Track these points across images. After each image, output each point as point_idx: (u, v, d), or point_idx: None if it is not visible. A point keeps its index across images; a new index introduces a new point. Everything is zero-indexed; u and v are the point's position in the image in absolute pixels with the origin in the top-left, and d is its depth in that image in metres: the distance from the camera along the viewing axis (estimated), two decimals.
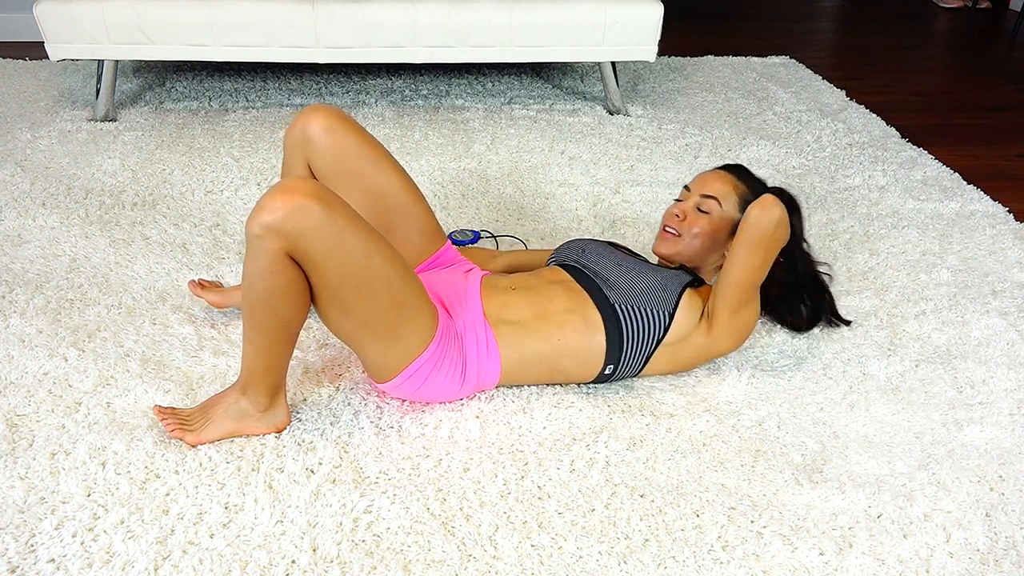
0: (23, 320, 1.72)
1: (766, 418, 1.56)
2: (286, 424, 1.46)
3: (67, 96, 2.94)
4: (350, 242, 1.26)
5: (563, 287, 1.56)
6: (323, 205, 1.23)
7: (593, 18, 2.74)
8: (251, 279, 1.30)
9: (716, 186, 1.64)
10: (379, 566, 1.22)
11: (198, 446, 1.40)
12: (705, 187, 1.65)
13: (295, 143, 1.57)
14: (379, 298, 1.32)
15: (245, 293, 1.32)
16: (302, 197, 1.23)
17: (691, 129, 2.87)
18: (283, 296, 1.30)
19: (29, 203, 2.20)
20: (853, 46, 4.12)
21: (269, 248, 1.24)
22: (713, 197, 1.62)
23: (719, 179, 1.66)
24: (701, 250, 1.64)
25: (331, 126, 1.54)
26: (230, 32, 2.63)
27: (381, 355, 1.40)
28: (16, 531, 1.25)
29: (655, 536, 1.29)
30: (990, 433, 1.54)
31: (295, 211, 1.22)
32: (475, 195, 2.36)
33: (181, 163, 2.48)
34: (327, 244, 1.25)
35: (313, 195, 1.23)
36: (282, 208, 1.22)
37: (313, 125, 1.54)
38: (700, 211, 1.62)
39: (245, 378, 1.40)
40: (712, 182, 1.65)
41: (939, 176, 2.58)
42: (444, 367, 1.45)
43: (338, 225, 1.25)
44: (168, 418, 1.42)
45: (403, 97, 3.06)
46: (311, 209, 1.22)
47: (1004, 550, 1.30)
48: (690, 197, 1.66)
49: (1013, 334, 1.82)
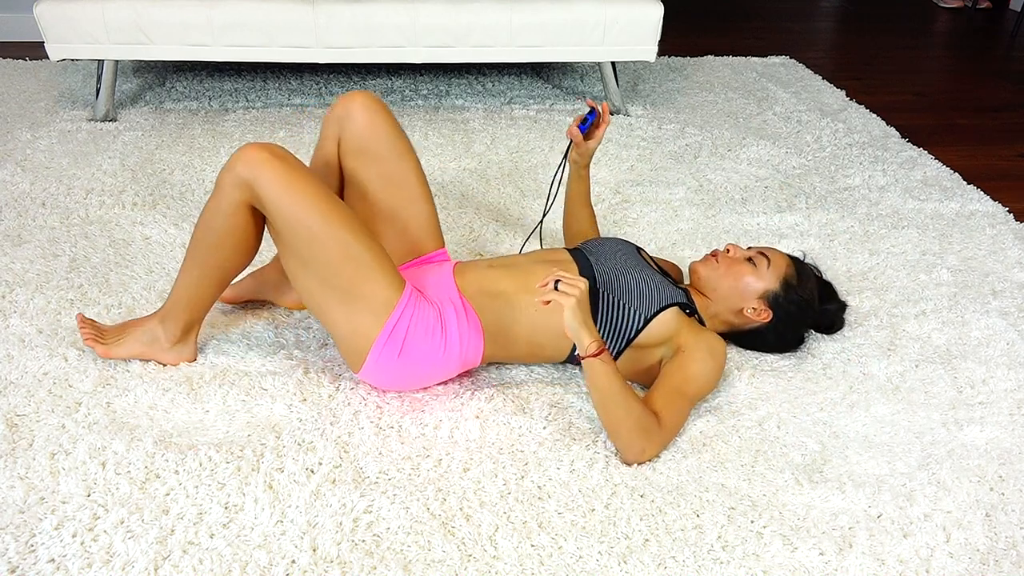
0: (23, 320, 1.72)
1: (766, 418, 1.56)
2: (191, 360, 1.61)
3: (67, 96, 2.94)
4: (303, 195, 1.39)
5: (551, 265, 1.58)
6: (280, 160, 1.40)
7: (593, 18, 2.74)
8: (207, 216, 1.47)
9: (774, 255, 1.66)
10: (379, 566, 1.22)
11: (107, 359, 1.58)
12: (766, 251, 1.67)
13: (335, 118, 1.64)
14: (331, 249, 1.41)
15: (199, 228, 1.49)
16: (261, 151, 1.40)
17: (691, 129, 2.87)
18: (229, 238, 1.47)
19: (29, 203, 2.20)
20: (853, 46, 4.12)
21: (228, 191, 1.42)
22: (767, 257, 1.64)
23: (779, 255, 1.67)
24: (723, 291, 1.63)
25: (371, 107, 1.63)
26: (230, 32, 2.63)
27: (348, 321, 1.45)
28: (16, 531, 1.25)
29: (655, 536, 1.29)
30: (990, 433, 1.54)
31: (253, 160, 1.39)
32: (475, 195, 2.36)
33: (181, 163, 2.48)
34: (280, 192, 1.39)
35: (272, 152, 1.40)
36: (243, 157, 1.40)
37: (356, 103, 1.63)
38: (749, 260, 1.64)
39: (168, 308, 1.56)
40: (775, 252, 1.67)
41: (939, 176, 2.58)
42: (420, 328, 1.46)
43: (292, 177, 1.40)
44: (87, 328, 1.59)
45: (403, 97, 3.06)
46: (268, 161, 1.39)
47: (1004, 550, 1.30)
48: (751, 250, 1.69)
49: (1013, 334, 1.82)
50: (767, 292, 1.62)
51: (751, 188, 2.47)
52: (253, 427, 1.47)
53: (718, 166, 2.61)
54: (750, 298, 1.62)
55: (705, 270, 1.65)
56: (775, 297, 1.62)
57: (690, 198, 2.39)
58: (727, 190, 2.45)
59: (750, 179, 2.53)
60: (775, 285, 1.62)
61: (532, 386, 1.60)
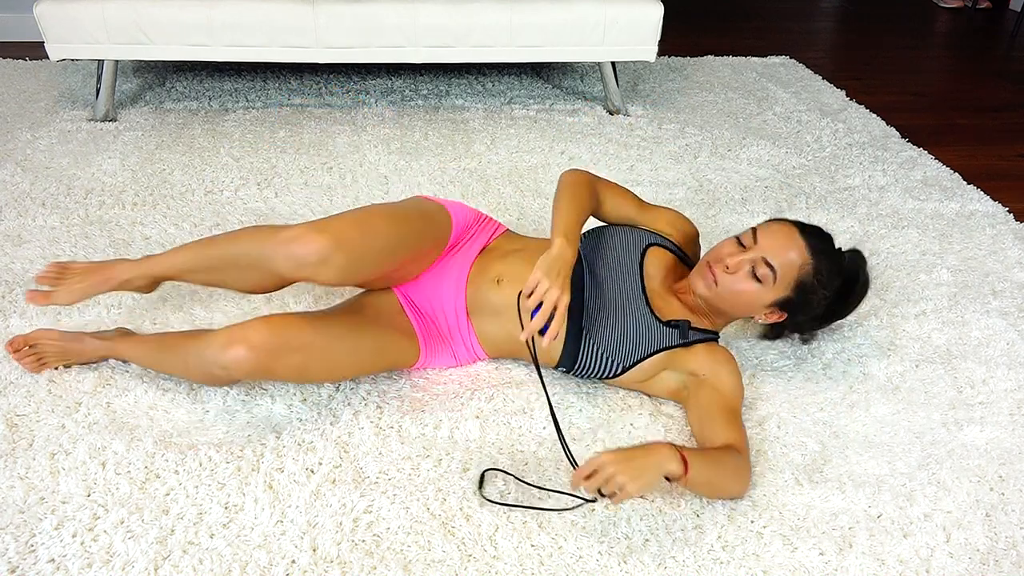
0: (23, 320, 1.72)
1: (766, 418, 1.56)
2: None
3: (67, 96, 2.94)
4: (298, 367, 1.39)
5: None
6: (269, 359, 1.34)
7: (593, 18, 2.74)
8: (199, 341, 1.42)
9: (783, 257, 1.45)
10: (379, 566, 1.22)
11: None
12: (772, 252, 1.45)
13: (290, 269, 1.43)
14: (344, 365, 1.48)
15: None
16: (249, 363, 1.33)
17: (691, 129, 2.87)
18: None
19: (29, 203, 2.20)
20: (853, 46, 4.12)
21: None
22: (773, 270, 1.45)
23: (793, 248, 1.46)
24: (729, 308, 1.52)
25: (328, 261, 1.39)
26: (230, 32, 2.63)
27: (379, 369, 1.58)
28: (16, 531, 1.25)
29: (655, 536, 1.29)
30: (990, 433, 1.54)
31: (247, 372, 1.35)
32: (475, 195, 2.36)
33: (181, 163, 2.48)
34: (293, 371, 1.40)
35: (270, 349, 1.34)
36: (237, 368, 1.34)
37: (309, 265, 1.39)
38: (753, 274, 1.46)
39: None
40: (782, 250, 1.46)
41: (939, 176, 2.58)
42: (439, 362, 1.63)
43: (279, 364, 1.36)
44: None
45: (403, 97, 3.06)
46: (262, 367, 1.35)
47: (1004, 550, 1.30)
48: (751, 250, 1.47)
49: (1013, 334, 1.82)
50: (777, 300, 1.49)
51: (751, 188, 2.47)
52: (253, 427, 1.47)
53: (718, 166, 2.61)
54: (759, 309, 1.51)
55: (703, 288, 1.50)
56: (786, 301, 1.49)
57: (690, 198, 2.39)
58: (727, 190, 2.45)
59: (750, 179, 2.53)
60: (787, 292, 1.47)
61: (532, 386, 1.60)
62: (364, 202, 2.28)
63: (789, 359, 1.72)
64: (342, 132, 2.72)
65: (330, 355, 1.43)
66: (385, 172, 2.47)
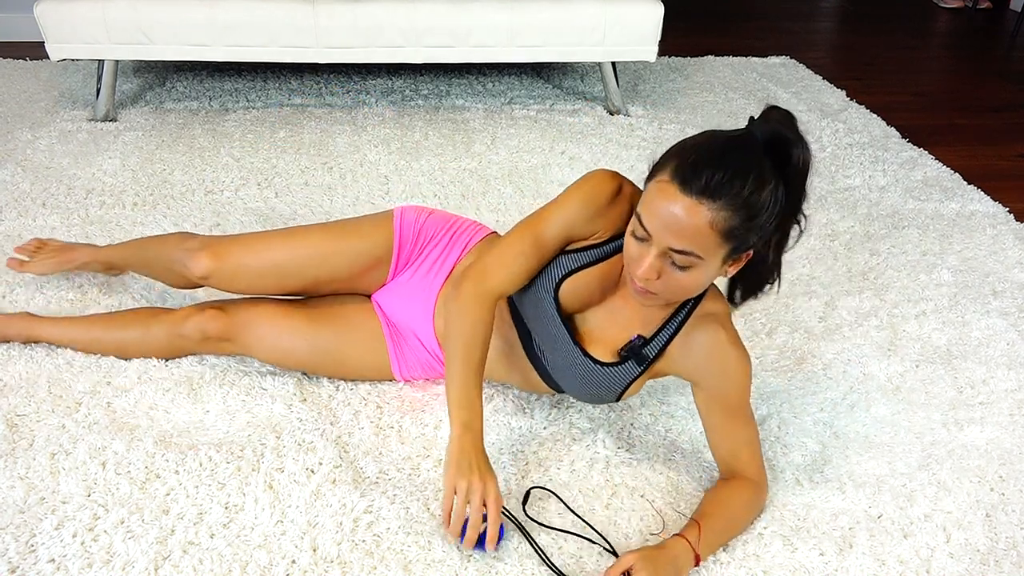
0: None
1: (766, 418, 1.56)
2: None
3: (67, 96, 2.94)
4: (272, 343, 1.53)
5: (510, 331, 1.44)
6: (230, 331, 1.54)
7: (593, 18, 2.74)
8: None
9: (685, 233, 1.10)
10: (379, 566, 1.22)
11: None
12: (670, 235, 1.11)
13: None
14: (305, 357, 1.56)
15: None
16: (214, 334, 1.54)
17: (691, 129, 2.87)
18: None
19: (29, 203, 2.20)
20: (853, 46, 4.12)
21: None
22: (689, 253, 1.12)
23: (685, 215, 1.09)
24: (685, 295, 1.24)
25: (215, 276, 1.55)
26: (230, 32, 2.63)
27: (360, 375, 1.62)
28: (16, 531, 1.25)
29: (655, 536, 1.29)
30: (990, 433, 1.54)
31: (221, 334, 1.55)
32: (475, 195, 2.36)
33: (181, 163, 2.48)
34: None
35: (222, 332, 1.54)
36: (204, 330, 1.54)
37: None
38: (677, 267, 1.15)
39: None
40: (676, 226, 1.11)
41: (939, 176, 2.58)
42: (418, 367, 1.59)
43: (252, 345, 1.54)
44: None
45: (403, 97, 3.06)
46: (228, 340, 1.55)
47: (1004, 550, 1.30)
48: (649, 242, 1.15)
49: (1013, 334, 1.82)
50: (724, 258, 1.16)
51: None
52: (253, 427, 1.47)
53: None
54: (714, 278, 1.22)
55: (648, 302, 1.23)
56: (733, 250, 1.15)
57: None
58: None
59: None
60: (724, 248, 1.13)
61: None
62: (364, 202, 2.28)
63: (789, 359, 1.73)
64: (342, 132, 2.72)
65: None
66: (385, 172, 2.47)
